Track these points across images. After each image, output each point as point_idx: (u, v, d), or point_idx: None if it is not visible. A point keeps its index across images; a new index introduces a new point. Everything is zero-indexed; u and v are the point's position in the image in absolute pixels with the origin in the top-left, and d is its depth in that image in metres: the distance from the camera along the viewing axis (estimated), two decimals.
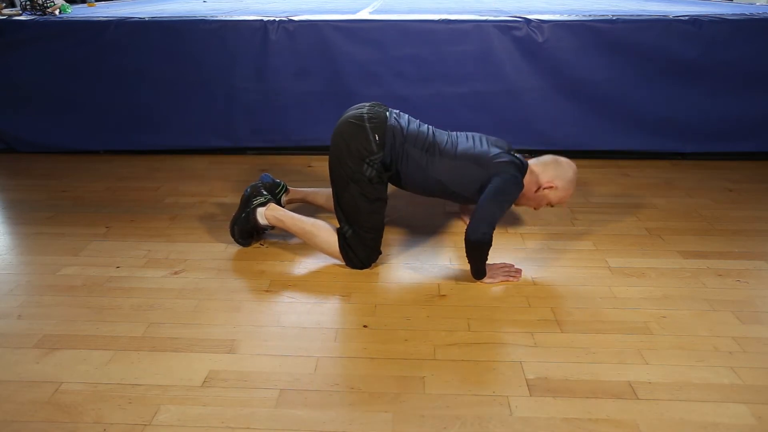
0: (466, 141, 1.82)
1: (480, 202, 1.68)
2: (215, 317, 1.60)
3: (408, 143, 1.75)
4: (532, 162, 1.84)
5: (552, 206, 1.87)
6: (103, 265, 1.89)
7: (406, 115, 1.86)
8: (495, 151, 1.77)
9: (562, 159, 1.83)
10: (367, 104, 1.82)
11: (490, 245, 1.67)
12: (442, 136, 1.82)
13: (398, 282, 1.78)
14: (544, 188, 1.80)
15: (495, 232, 1.67)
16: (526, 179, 1.78)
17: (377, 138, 1.72)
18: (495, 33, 2.69)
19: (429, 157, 1.75)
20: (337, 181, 1.78)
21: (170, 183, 2.65)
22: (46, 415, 1.24)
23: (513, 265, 1.82)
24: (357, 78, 2.80)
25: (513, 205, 1.85)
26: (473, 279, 1.77)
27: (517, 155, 1.80)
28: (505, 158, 1.75)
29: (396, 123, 1.77)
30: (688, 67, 2.69)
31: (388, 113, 1.80)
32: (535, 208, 1.91)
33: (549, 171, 1.80)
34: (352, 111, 1.80)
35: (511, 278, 1.77)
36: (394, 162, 1.75)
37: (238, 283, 1.78)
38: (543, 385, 1.32)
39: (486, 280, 1.76)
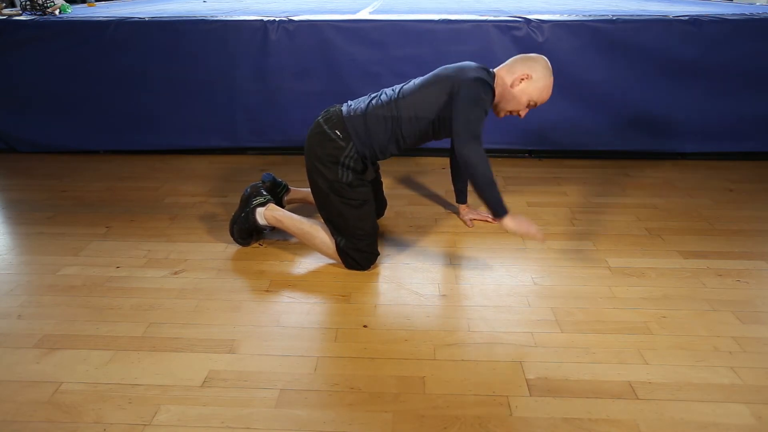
0: (425, 75, 1.77)
1: (454, 123, 1.61)
2: (215, 317, 1.60)
3: (370, 114, 1.72)
4: (498, 67, 1.76)
5: (536, 105, 1.75)
6: (103, 265, 1.89)
7: (362, 97, 1.81)
8: (456, 65, 1.72)
9: (531, 54, 1.75)
10: (323, 110, 1.81)
11: (486, 159, 1.58)
12: (398, 86, 1.78)
13: (398, 282, 1.78)
14: (521, 80, 1.70)
15: (494, 232, 1.66)
16: (499, 83, 1.72)
17: (339, 132, 1.71)
18: (495, 33, 2.69)
19: (393, 105, 1.71)
20: (318, 197, 1.78)
21: (170, 183, 2.65)
22: (46, 415, 1.24)
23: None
24: (357, 78, 2.80)
25: (498, 116, 1.79)
26: (476, 281, 1.77)
27: (482, 65, 1.73)
28: (468, 65, 1.69)
29: (351, 110, 1.75)
30: (688, 67, 2.69)
31: (344, 106, 1.78)
32: (520, 115, 1.77)
33: (518, 66, 1.71)
34: (312, 124, 1.79)
35: (531, 232, 1.62)
36: (370, 143, 1.72)
37: (238, 283, 1.78)
38: (543, 385, 1.32)
39: (508, 222, 1.62)
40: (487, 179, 1.59)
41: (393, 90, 1.78)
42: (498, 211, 1.62)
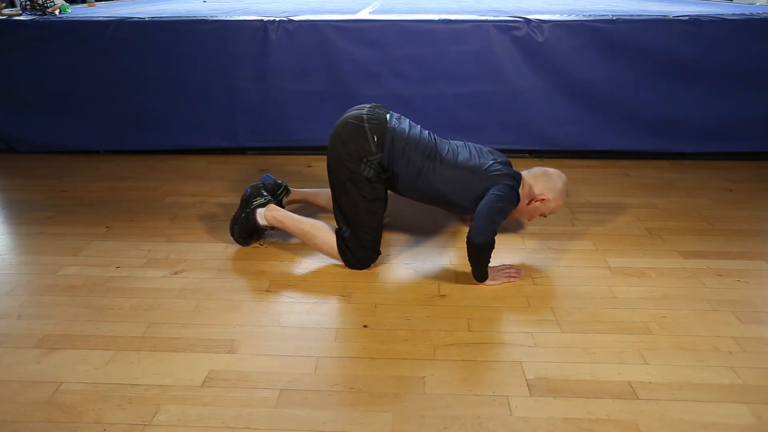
0: (466, 151, 1.84)
1: (480, 208, 1.68)
2: (215, 317, 1.60)
3: (409, 146, 1.76)
4: (523, 174, 1.87)
5: (545, 216, 1.91)
6: (103, 265, 1.89)
7: (407, 120, 1.87)
8: (493, 164, 1.81)
9: (551, 170, 1.87)
10: (368, 106, 1.83)
11: (493, 247, 1.67)
12: (443, 144, 1.84)
13: (398, 282, 1.78)
14: (536, 201, 1.83)
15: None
16: (520, 192, 1.81)
17: (376, 139, 1.72)
18: (495, 33, 2.69)
19: (430, 163, 1.76)
20: (335, 181, 1.78)
21: (170, 183, 2.65)
22: (46, 415, 1.24)
23: (513, 266, 1.82)
24: (357, 78, 2.80)
25: (507, 218, 1.87)
26: (474, 281, 1.77)
27: (513, 169, 1.85)
28: (503, 171, 1.79)
29: (397, 125, 1.78)
30: (688, 67, 2.69)
31: (388, 115, 1.81)
32: (528, 220, 1.94)
33: (540, 183, 1.83)
34: (352, 112, 1.80)
35: (512, 279, 1.77)
36: (392, 164, 1.75)
37: (238, 283, 1.78)
38: (543, 385, 1.32)
39: (487, 282, 1.75)
40: (486, 260, 1.70)
41: (435, 141, 1.81)
42: (482, 279, 1.75)
